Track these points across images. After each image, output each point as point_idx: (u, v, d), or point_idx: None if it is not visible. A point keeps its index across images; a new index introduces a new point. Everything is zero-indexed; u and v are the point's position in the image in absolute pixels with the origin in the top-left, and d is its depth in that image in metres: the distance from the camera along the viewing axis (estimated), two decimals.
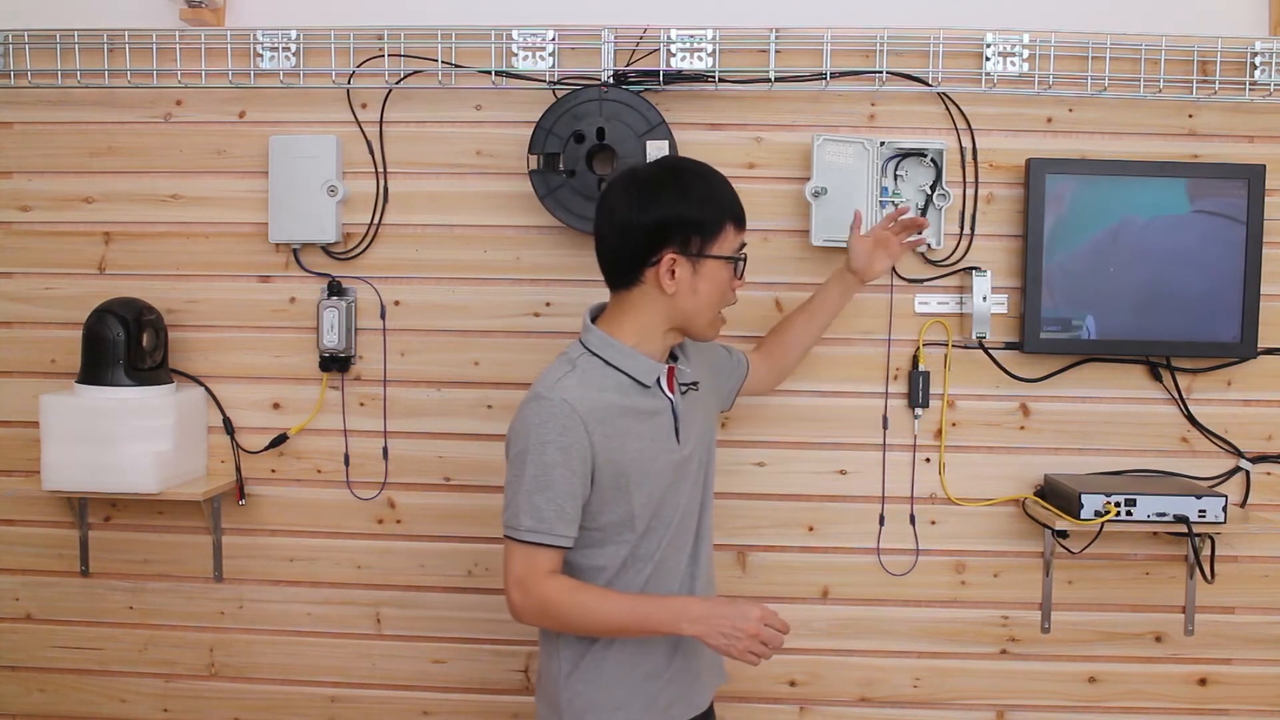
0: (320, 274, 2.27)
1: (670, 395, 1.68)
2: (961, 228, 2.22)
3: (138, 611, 2.36)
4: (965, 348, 2.23)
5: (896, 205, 2.19)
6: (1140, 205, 2.15)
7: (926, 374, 2.22)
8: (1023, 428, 2.25)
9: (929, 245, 2.20)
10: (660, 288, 1.62)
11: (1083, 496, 2.06)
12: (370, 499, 2.31)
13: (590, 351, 1.66)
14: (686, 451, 1.69)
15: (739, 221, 1.66)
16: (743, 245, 1.68)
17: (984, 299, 2.15)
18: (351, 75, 2.23)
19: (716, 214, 1.63)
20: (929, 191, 2.19)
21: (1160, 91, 2.18)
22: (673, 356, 1.73)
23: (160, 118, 2.29)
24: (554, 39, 2.19)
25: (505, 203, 2.25)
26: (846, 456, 2.26)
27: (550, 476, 1.57)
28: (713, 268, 1.63)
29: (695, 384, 1.75)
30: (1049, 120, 2.21)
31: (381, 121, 2.25)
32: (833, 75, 2.18)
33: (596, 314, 1.72)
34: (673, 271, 1.61)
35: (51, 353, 2.32)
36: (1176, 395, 2.23)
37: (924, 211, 2.19)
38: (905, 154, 2.19)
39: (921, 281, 2.23)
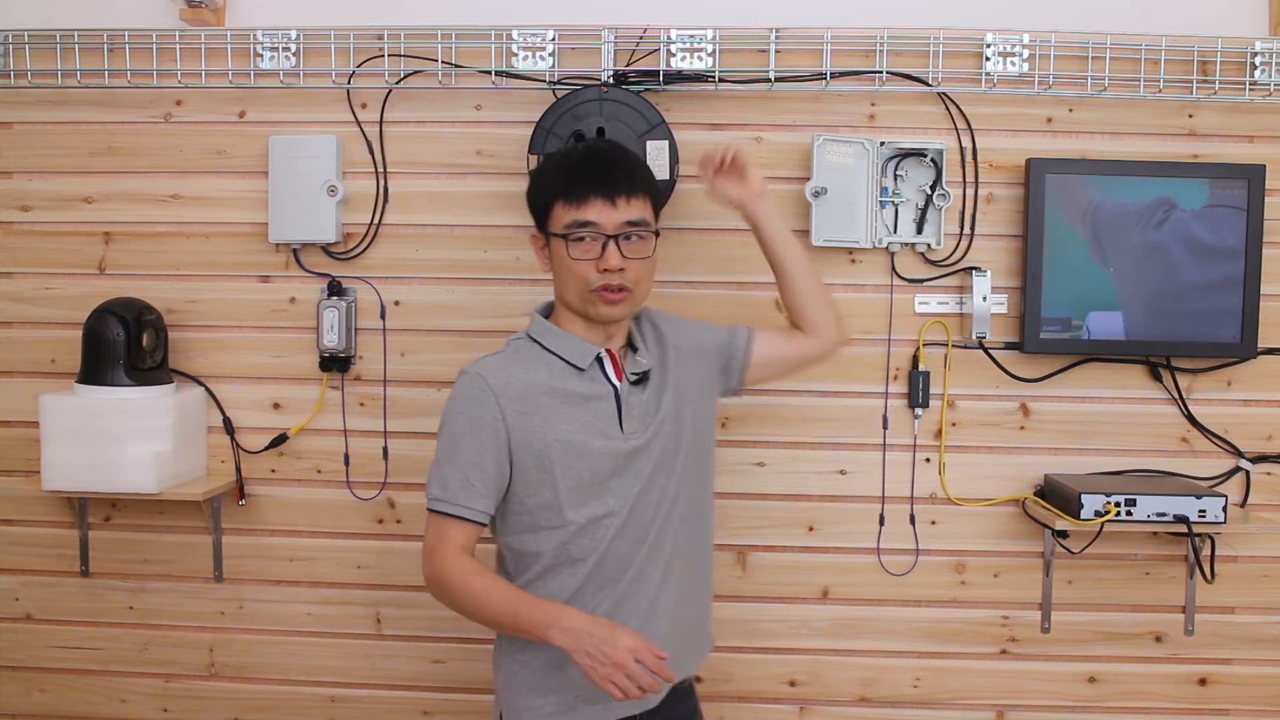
0: (320, 274, 2.27)
1: (614, 382, 1.68)
2: (961, 228, 2.22)
3: (138, 611, 2.36)
4: (965, 348, 2.23)
5: (897, 205, 2.19)
6: (1140, 205, 2.15)
7: (926, 374, 2.22)
8: (1023, 428, 2.25)
9: (929, 245, 2.20)
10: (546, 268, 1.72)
11: (1083, 496, 2.06)
12: (370, 499, 2.31)
13: (529, 337, 1.72)
14: (635, 443, 1.64)
15: (569, 198, 1.63)
16: (583, 224, 1.62)
17: (984, 299, 2.15)
18: (351, 75, 2.23)
19: (543, 192, 1.69)
20: (929, 191, 2.19)
21: (1160, 91, 2.18)
22: (632, 347, 1.73)
23: (160, 118, 2.29)
24: (554, 39, 2.19)
25: (505, 203, 2.25)
26: (846, 456, 2.26)
27: (457, 447, 1.61)
28: (555, 245, 1.67)
29: (645, 374, 1.69)
30: (1049, 120, 2.21)
31: (381, 121, 2.25)
32: (833, 75, 2.18)
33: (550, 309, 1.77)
34: (540, 250, 1.72)
35: (51, 353, 2.32)
36: (1176, 395, 2.23)
37: (924, 211, 2.19)
38: (905, 154, 2.19)
39: (921, 281, 2.23)
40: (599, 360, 1.69)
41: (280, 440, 2.30)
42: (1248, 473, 2.24)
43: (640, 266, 1.66)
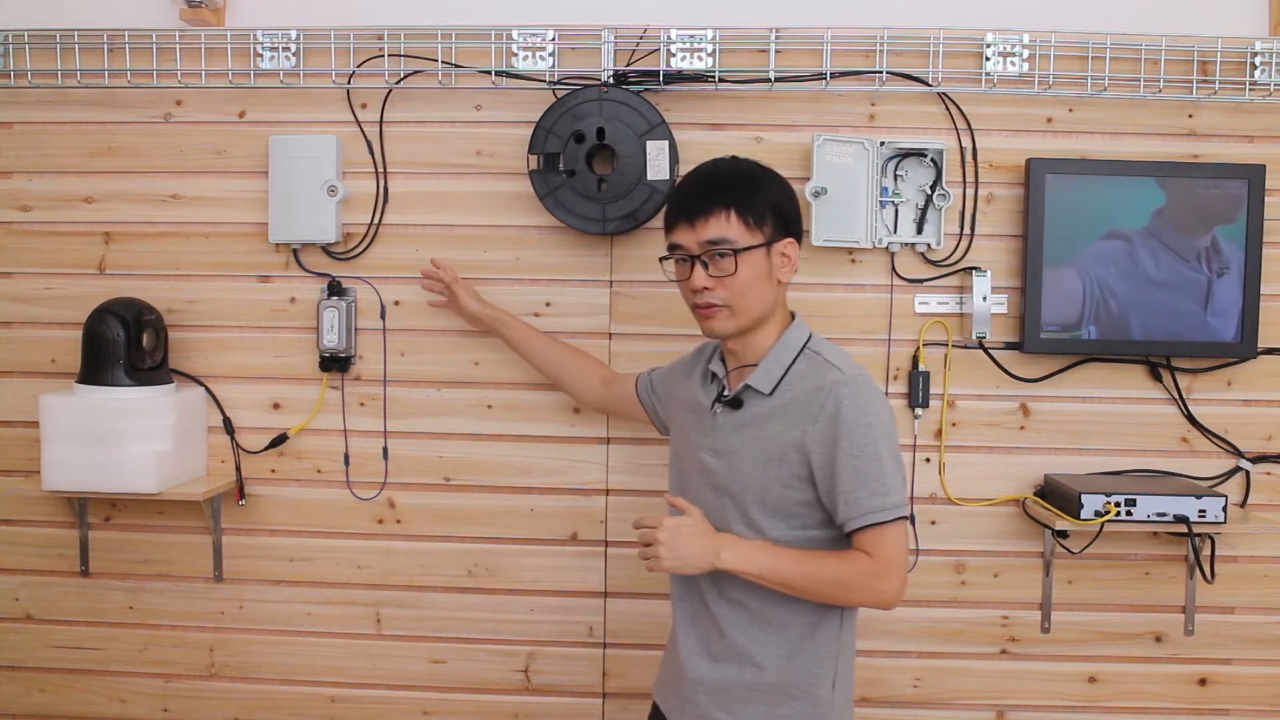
0: (320, 274, 2.27)
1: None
2: (961, 228, 2.22)
3: (138, 611, 2.36)
4: (965, 348, 2.23)
5: (897, 205, 2.19)
6: (1140, 205, 2.15)
7: (926, 374, 2.22)
8: (1023, 428, 2.25)
9: (929, 245, 2.20)
10: None
11: (1083, 496, 2.06)
12: (370, 499, 2.31)
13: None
14: (710, 461, 1.69)
15: (666, 220, 1.70)
16: (673, 247, 1.68)
17: (984, 299, 2.15)
18: (351, 75, 2.23)
19: (666, 217, 1.71)
20: (929, 191, 2.19)
21: (1160, 91, 2.18)
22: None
23: (160, 118, 2.29)
24: (554, 39, 2.19)
25: (505, 203, 2.25)
26: None
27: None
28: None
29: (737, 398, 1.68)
30: (1049, 120, 2.21)
31: (381, 121, 2.25)
32: (833, 75, 2.18)
33: None
34: None
35: (51, 353, 2.32)
36: (1176, 395, 2.23)
37: (924, 211, 2.19)
38: (905, 154, 2.19)
39: (921, 281, 2.23)
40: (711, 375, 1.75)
41: (280, 440, 2.30)
42: (1248, 473, 2.24)
43: (731, 283, 1.62)
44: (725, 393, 1.70)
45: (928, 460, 2.25)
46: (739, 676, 1.63)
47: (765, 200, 1.64)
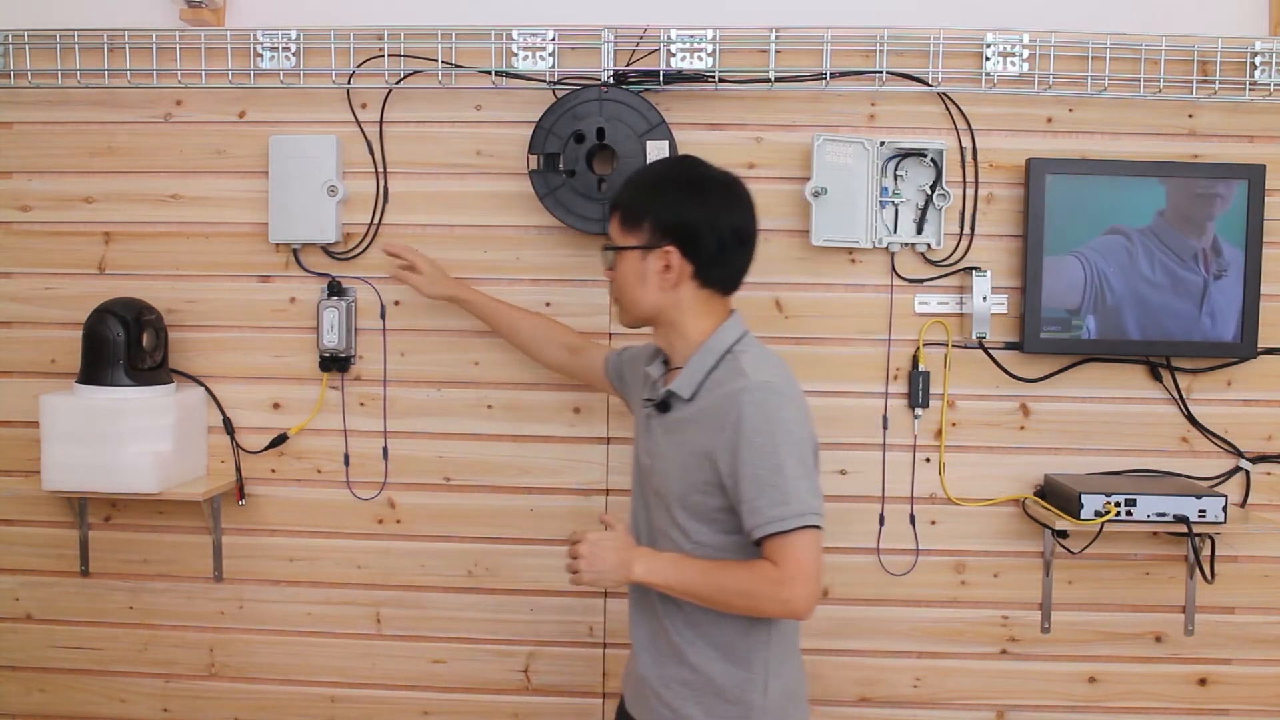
0: (320, 274, 2.27)
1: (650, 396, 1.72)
2: (961, 228, 2.22)
3: (138, 611, 2.36)
4: (965, 348, 2.23)
5: (897, 205, 2.19)
6: (1140, 204, 2.15)
7: (926, 374, 2.22)
8: (1023, 428, 2.25)
9: (929, 245, 2.20)
10: None
11: (1083, 496, 2.06)
12: (370, 499, 2.31)
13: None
14: (644, 462, 1.71)
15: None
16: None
17: (984, 299, 2.15)
18: (351, 75, 2.23)
19: None
20: (929, 191, 2.19)
21: (1160, 91, 2.18)
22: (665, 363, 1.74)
23: (160, 118, 2.29)
24: (554, 39, 2.19)
25: (505, 203, 2.25)
26: (846, 456, 2.26)
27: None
28: None
29: (659, 402, 1.68)
30: (1049, 120, 2.21)
31: (381, 121, 2.25)
32: (833, 75, 2.18)
33: None
34: None
35: (51, 353, 2.32)
36: (1176, 395, 2.23)
37: (924, 211, 2.19)
38: (905, 154, 2.19)
39: (921, 281, 2.23)
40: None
41: (280, 440, 2.30)
42: (1248, 473, 2.24)
43: (613, 280, 1.70)
44: (657, 395, 1.70)
45: (928, 460, 2.25)
46: (677, 674, 1.65)
47: (646, 205, 1.64)
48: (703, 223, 1.62)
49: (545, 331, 2.14)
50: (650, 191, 1.66)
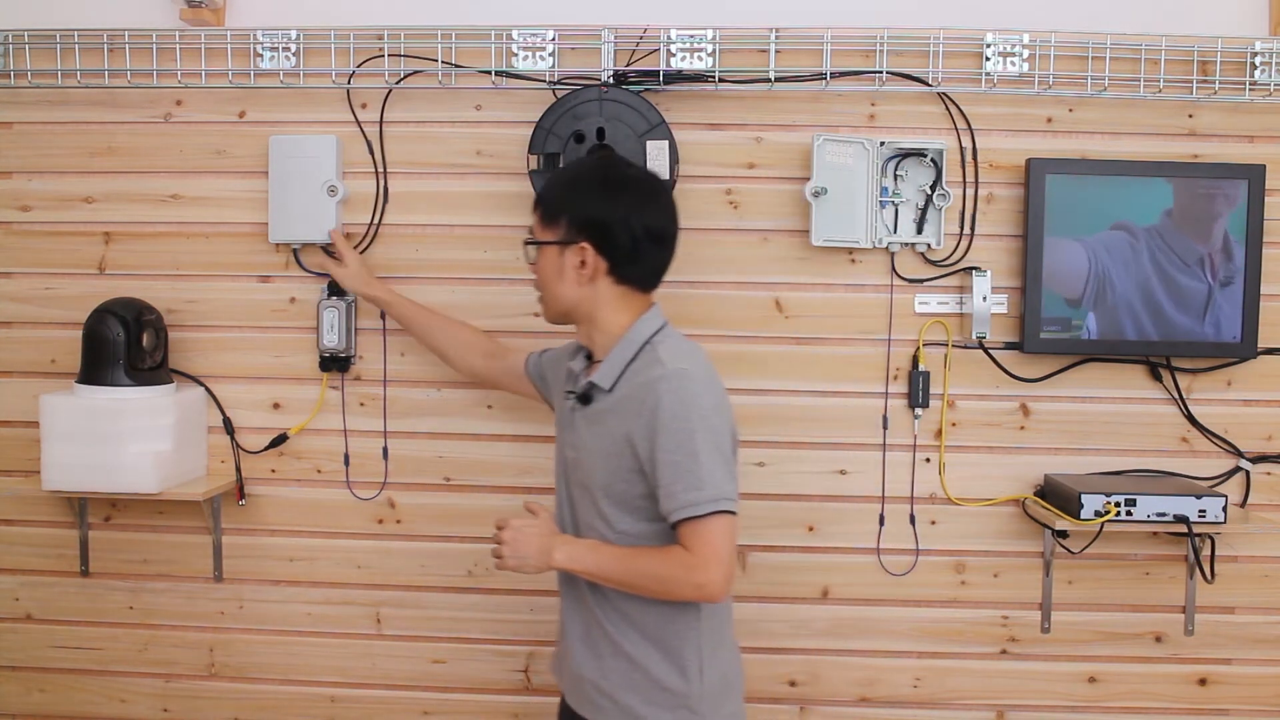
0: (320, 274, 2.27)
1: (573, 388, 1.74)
2: (961, 228, 2.22)
3: (138, 611, 2.36)
4: (965, 348, 2.23)
5: (897, 205, 2.19)
6: (1147, 203, 2.15)
7: (926, 374, 2.22)
8: (1023, 428, 2.25)
9: (929, 245, 2.20)
10: None
11: (1083, 496, 2.06)
12: (370, 499, 2.31)
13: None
14: (569, 455, 1.73)
15: None
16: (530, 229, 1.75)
17: (984, 299, 2.15)
18: (351, 75, 2.23)
19: None
20: (929, 191, 2.19)
21: (1160, 91, 2.18)
22: (589, 358, 1.76)
23: (160, 118, 2.29)
24: (554, 39, 2.19)
25: (505, 203, 2.25)
26: (846, 456, 2.26)
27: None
28: None
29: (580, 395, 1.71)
30: (1049, 120, 2.21)
31: (381, 121, 2.25)
32: (833, 75, 2.18)
33: None
34: None
35: (51, 353, 2.32)
36: (1176, 395, 2.23)
37: (924, 211, 2.19)
38: (905, 154, 2.19)
39: (921, 281, 2.23)
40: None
41: (280, 440, 2.30)
42: (1248, 473, 2.24)
43: (534, 273, 1.73)
44: (578, 389, 1.72)
45: (928, 460, 2.25)
46: (614, 665, 1.66)
47: (563, 202, 1.68)
48: (617, 221, 1.65)
49: (464, 337, 2.15)
50: (568, 188, 1.70)
